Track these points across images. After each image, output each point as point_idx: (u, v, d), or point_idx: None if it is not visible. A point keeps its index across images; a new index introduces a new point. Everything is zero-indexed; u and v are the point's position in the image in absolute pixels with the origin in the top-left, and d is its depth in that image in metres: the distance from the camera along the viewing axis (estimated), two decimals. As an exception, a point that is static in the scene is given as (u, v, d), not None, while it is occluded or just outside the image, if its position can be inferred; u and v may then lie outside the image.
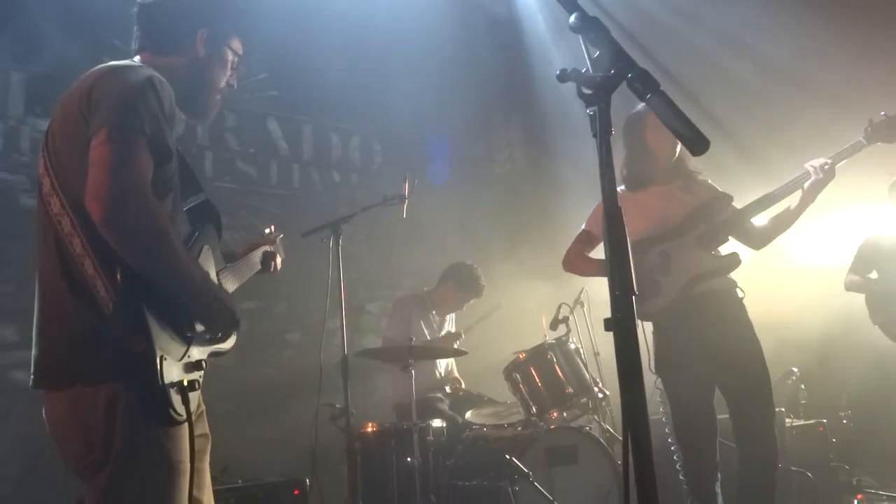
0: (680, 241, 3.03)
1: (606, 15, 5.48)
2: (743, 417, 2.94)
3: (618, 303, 1.11)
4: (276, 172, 5.79)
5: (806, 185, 2.93)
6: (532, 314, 4.69)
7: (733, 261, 3.01)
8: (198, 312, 1.66)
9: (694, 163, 3.18)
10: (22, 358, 4.64)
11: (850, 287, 4.40)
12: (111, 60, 1.71)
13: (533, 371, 3.75)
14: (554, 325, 3.99)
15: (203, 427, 1.86)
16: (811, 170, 2.92)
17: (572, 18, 1.24)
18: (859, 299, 4.46)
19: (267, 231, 2.40)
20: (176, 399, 1.56)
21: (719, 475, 2.95)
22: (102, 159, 1.49)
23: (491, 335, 4.88)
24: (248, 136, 5.59)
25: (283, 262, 2.38)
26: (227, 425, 4.52)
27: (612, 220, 1.14)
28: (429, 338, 4.56)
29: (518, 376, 3.79)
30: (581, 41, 1.24)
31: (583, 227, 3.30)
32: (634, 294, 1.12)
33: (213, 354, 1.79)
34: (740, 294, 3.06)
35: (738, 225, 3.05)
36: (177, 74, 1.76)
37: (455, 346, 4.37)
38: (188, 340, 1.65)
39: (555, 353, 3.76)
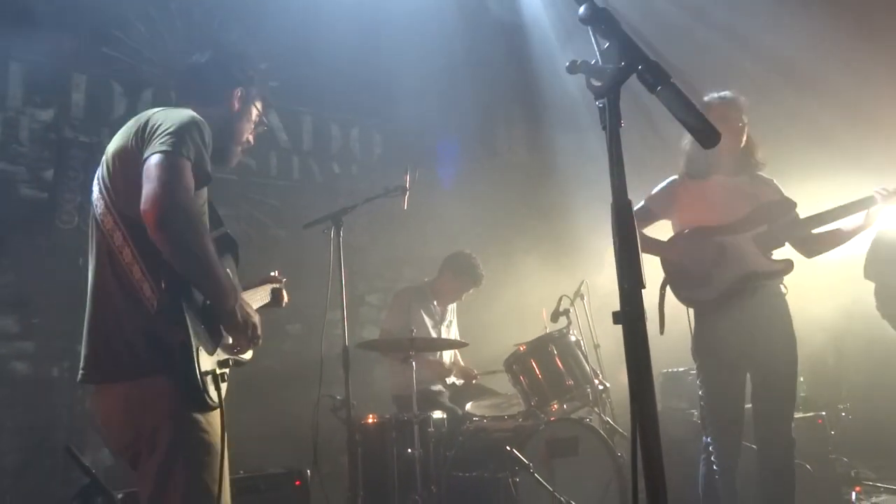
0: (738, 237, 3.04)
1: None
2: (767, 409, 3.02)
3: (627, 297, 1.11)
4: (276, 163, 5.76)
5: (872, 209, 2.98)
6: (533, 306, 4.69)
7: (787, 266, 3.05)
8: (225, 319, 1.87)
9: (760, 156, 3.17)
10: (22, 349, 4.64)
11: (868, 276, 4.36)
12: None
13: (533, 363, 3.76)
14: (554, 318, 3.99)
15: None
16: (878, 196, 2.97)
17: (582, 9, 1.23)
18: (862, 292, 4.44)
19: (273, 273, 2.66)
20: (210, 386, 1.80)
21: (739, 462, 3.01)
22: (156, 175, 1.75)
23: (492, 327, 4.89)
24: (247, 127, 5.55)
25: (287, 302, 2.68)
26: (228, 416, 4.53)
27: (620, 214, 1.13)
28: (431, 329, 4.55)
29: (519, 368, 3.80)
30: (590, 32, 1.23)
31: (642, 202, 3.25)
32: (643, 287, 1.11)
33: (235, 363, 2.00)
34: (784, 290, 3.10)
35: (797, 233, 3.08)
36: (212, 122, 1.99)
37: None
38: (218, 340, 1.88)
39: (555, 345, 3.76)
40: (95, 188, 1.96)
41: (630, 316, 1.11)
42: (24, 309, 4.64)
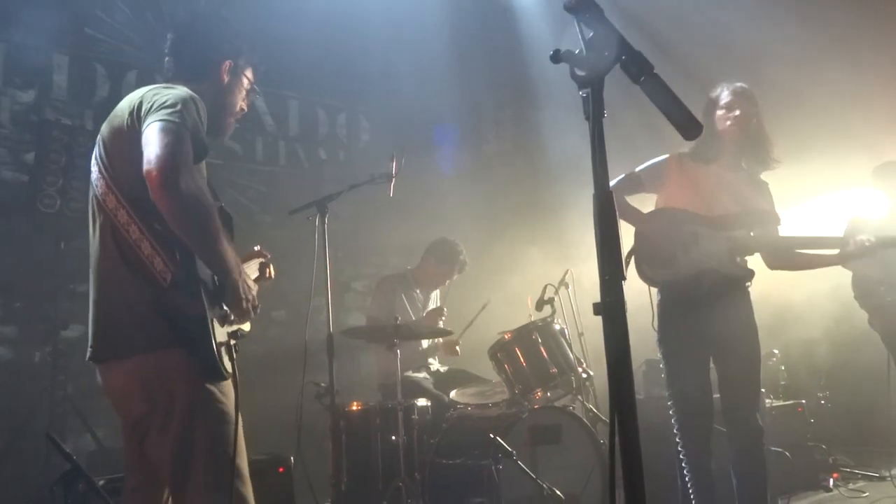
0: (715, 232, 3.04)
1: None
2: (731, 399, 3.04)
3: (607, 287, 1.11)
4: (262, 149, 5.72)
5: (849, 248, 2.99)
6: (518, 294, 4.70)
7: (748, 275, 3.08)
8: (227, 288, 1.85)
9: (777, 153, 3.15)
10: (3, 333, 4.58)
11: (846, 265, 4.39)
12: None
13: (518, 351, 3.76)
14: (539, 306, 4.00)
15: None
16: (853, 242, 2.98)
17: (567, -2, 1.22)
18: (840, 281, 4.48)
19: (256, 248, 2.59)
20: (225, 357, 1.83)
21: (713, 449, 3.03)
22: (155, 138, 1.73)
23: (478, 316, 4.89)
24: (233, 111, 5.49)
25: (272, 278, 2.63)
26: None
27: (602, 205, 1.13)
28: (412, 315, 4.55)
29: (503, 356, 3.81)
30: (575, 21, 1.22)
31: (636, 169, 3.21)
32: (623, 279, 1.11)
33: (238, 334, 1.99)
34: (747, 284, 3.12)
35: (771, 248, 3.10)
36: (204, 98, 1.98)
37: (440, 323, 4.36)
38: (225, 311, 1.88)
39: (540, 333, 3.78)
40: (94, 168, 1.96)
41: (610, 307, 1.11)
42: (5, 293, 4.60)
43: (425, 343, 4.57)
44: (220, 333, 1.85)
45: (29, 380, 4.46)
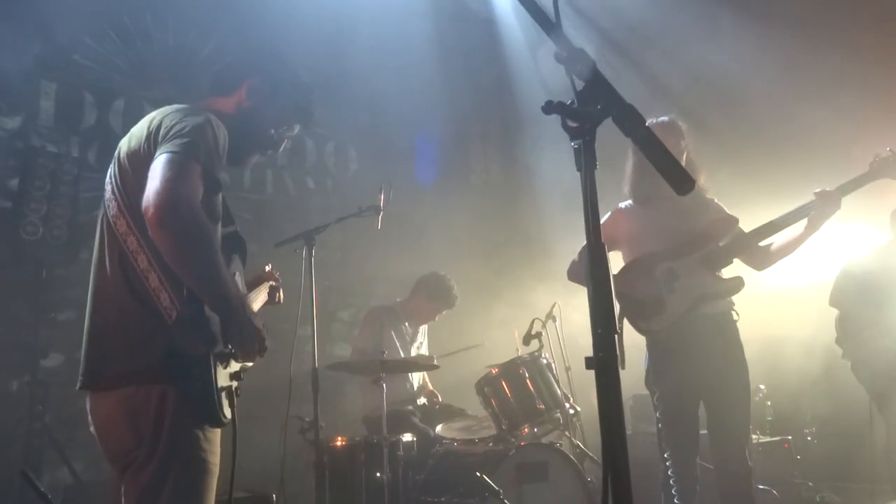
0: (686, 259, 3.06)
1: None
2: (719, 436, 3.03)
3: (600, 341, 1.10)
4: (249, 177, 5.70)
5: (812, 213, 2.96)
6: (505, 326, 4.68)
7: (738, 284, 3.06)
8: (232, 330, 1.77)
9: (703, 180, 3.20)
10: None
11: (833, 303, 4.37)
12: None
13: (505, 386, 3.74)
14: (527, 340, 3.98)
15: None
16: (818, 199, 2.96)
17: (557, 49, 1.22)
18: (827, 318, 4.49)
19: (267, 268, 2.58)
20: (225, 403, 1.75)
21: (698, 487, 3.02)
22: (160, 173, 1.66)
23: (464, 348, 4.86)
24: (221, 139, 5.49)
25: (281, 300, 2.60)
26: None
27: (595, 257, 1.12)
28: (400, 349, 4.51)
29: (490, 391, 3.78)
30: (566, 72, 1.23)
31: None
32: (617, 332, 1.10)
33: (239, 376, 1.92)
34: (735, 317, 3.11)
35: (744, 248, 3.09)
36: (225, 120, 1.91)
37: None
38: (231, 352, 1.81)
39: (527, 368, 3.75)
40: (108, 187, 1.88)
41: (603, 362, 1.10)
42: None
43: (415, 384, 4.53)
44: (223, 377, 1.77)
45: (6, 410, 4.36)
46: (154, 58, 5.25)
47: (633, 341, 3.11)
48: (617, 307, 3.10)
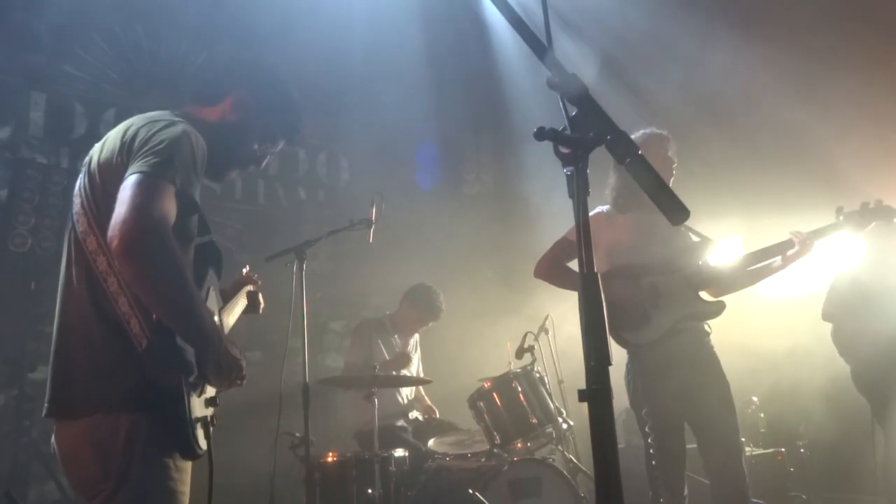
0: (670, 277, 3.06)
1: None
2: (710, 452, 3.02)
3: (593, 374, 1.08)
4: (241, 187, 5.67)
5: (788, 252, 3.05)
6: (498, 339, 4.66)
7: (720, 307, 3.08)
8: (206, 360, 1.68)
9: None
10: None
11: (825, 318, 4.39)
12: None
13: (497, 400, 3.71)
14: (519, 354, 3.96)
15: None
16: (794, 239, 3.04)
17: (550, 75, 1.21)
18: (820, 330, 4.50)
19: (245, 270, 2.48)
20: (199, 433, 1.67)
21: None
22: (129, 198, 1.55)
23: (456, 361, 4.84)
24: (212, 150, 5.46)
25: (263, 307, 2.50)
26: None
27: (587, 288, 1.10)
28: (389, 362, 4.48)
29: (482, 405, 3.75)
30: (559, 98, 1.21)
31: (564, 234, 3.24)
32: (610, 364, 1.08)
33: (215, 402, 1.85)
34: (707, 329, 3.12)
35: (723, 275, 3.11)
36: (206, 132, 1.81)
37: (418, 372, 4.32)
38: (206, 380, 1.73)
39: (520, 382, 3.73)
40: (77, 200, 1.75)
41: (596, 395, 1.08)
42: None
43: (405, 397, 4.50)
44: (198, 405, 1.69)
45: (-7, 423, 4.31)
46: (145, 68, 5.23)
47: (619, 352, 3.11)
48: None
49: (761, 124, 5.23)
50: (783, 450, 4.70)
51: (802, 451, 4.97)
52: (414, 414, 4.57)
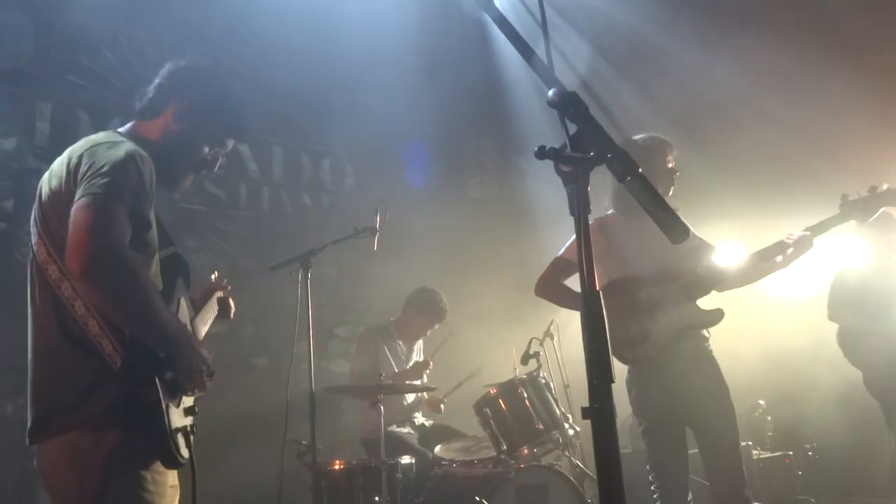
0: (667, 287, 3.05)
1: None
2: (710, 456, 3.02)
3: (596, 393, 1.08)
4: (246, 194, 5.69)
5: (788, 251, 3.03)
6: (503, 344, 4.66)
7: (719, 316, 3.07)
8: (177, 363, 1.73)
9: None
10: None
11: (832, 318, 4.36)
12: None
13: (503, 406, 3.71)
14: (525, 360, 3.96)
15: (174, 478, 1.89)
16: (790, 241, 3.03)
17: (550, 93, 1.21)
18: (826, 331, 4.47)
19: (213, 276, 2.49)
20: (181, 444, 1.72)
21: None
22: (81, 220, 1.60)
23: (462, 367, 4.83)
24: (217, 157, 5.48)
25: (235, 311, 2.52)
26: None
27: (589, 306, 1.10)
28: (395, 368, 4.49)
29: (488, 411, 3.75)
30: (559, 116, 1.21)
31: (560, 253, 3.24)
32: (612, 382, 1.08)
33: (193, 410, 1.90)
34: (706, 335, 3.12)
35: (722, 279, 3.09)
36: (153, 144, 1.87)
37: (425, 377, 4.31)
38: (181, 387, 1.77)
39: (525, 388, 3.73)
40: (34, 231, 1.79)
41: (599, 413, 1.08)
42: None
43: (410, 398, 4.50)
44: (177, 416, 1.74)
45: (0, 432, 4.33)
46: (149, 76, 5.23)
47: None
48: None
49: (762, 125, 5.21)
50: (791, 453, 4.69)
51: (811, 454, 4.94)
52: (420, 419, 4.57)
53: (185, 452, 1.73)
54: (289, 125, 5.83)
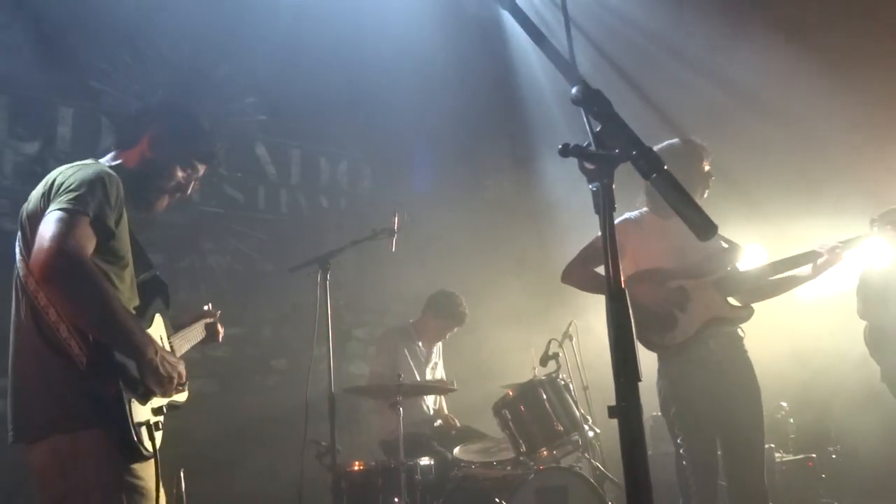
0: (699, 281, 3.05)
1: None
2: (731, 457, 3.01)
3: (622, 391, 1.07)
4: (264, 197, 5.72)
5: (819, 261, 3.04)
6: (521, 346, 4.64)
7: (749, 313, 3.07)
8: (142, 367, 1.87)
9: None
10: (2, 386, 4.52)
11: (862, 316, 4.32)
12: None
13: (522, 408, 3.70)
14: (543, 362, 3.94)
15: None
16: (822, 251, 3.04)
17: (574, 90, 1.21)
18: (851, 331, 4.42)
19: (206, 307, 2.61)
20: (144, 437, 1.85)
21: None
22: (45, 230, 1.78)
23: (481, 369, 4.83)
24: (235, 160, 5.53)
25: (223, 334, 2.64)
26: (209, 452, 4.44)
27: (615, 305, 1.10)
28: (415, 370, 4.49)
29: (507, 413, 3.74)
30: (583, 114, 1.21)
31: (591, 240, 3.20)
32: (639, 380, 1.07)
33: (169, 406, 2.05)
34: (741, 334, 3.10)
35: (754, 279, 3.09)
36: (128, 169, 2.08)
37: (441, 379, 4.32)
38: (148, 389, 1.90)
39: (545, 389, 3.72)
40: (17, 249, 1.98)
41: (626, 412, 1.07)
42: (3, 346, 4.54)
43: (430, 407, 4.50)
44: (141, 412, 1.86)
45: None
46: (169, 81, 5.30)
47: (649, 355, 3.09)
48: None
49: (789, 128, 5.16)
50: (814, 456, 4.62)
51: (834, 456, 4.87)
52: (438, 423, 4.57)
53: (148, 445, 1.85)
54: (306, 128, 5.86)
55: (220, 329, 2.58)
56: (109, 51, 5.07)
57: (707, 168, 3.18)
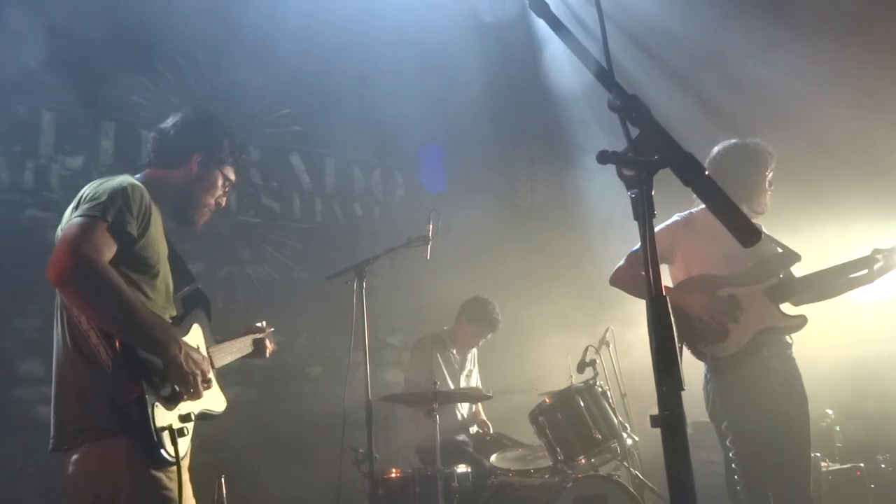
0: (751, 289, 2.98)
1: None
2: (781, 467, 2.90)
3: (665, 400, 1.06)
4: (299, 206, 5.80)
5: (875, 267, 2.95)
6: (558, 353, 4.61)
7: (802, 322, 2.99)
8: (167, 365, 1.89)
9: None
10: (46, 394, 4.63)
11: None
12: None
13: (559, 415, 3.67)
14: (581, 368, 3.90)
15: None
16: (879, 256, 2.94)
17: (611, 97, 1.20)
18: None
19: (259, 324, 2.64)
20: (166, 441, 1.85)
21: None
22: (62, 238, 1.84)
23: (517, 376, 4.80)
24: (271, 170, 5.62)
25: (272, 350, 2.66)
26: (247, 458, 4.50)
27: (657, 311, 1.08)
28: (449, 378, 4.48)
29: (544, 420, 3.71)
30: (620, 120, 1.20)
31: (635, 248, 3.14)
32: (683, 390, 1.06)
33: (202, 415, 2.07)
34: (789, 341, 3.02)
35: (806, 287, 3.01)
36: (169, 187, 2.16)
37: (477, 386, 4.31)
38: (178, 394, 1.93)
39: (582, 396, 3.68)
40: None
41: (669, 421, 1.05)
42: (51, 354, 4.66)
43: (464, 414, 4.49)
44: (166, 417, 1.88)
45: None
46: (206, 94, 5.42)
47: (689, 361, 3.02)
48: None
49: (833, 133, 5.03)
50: (862, 465, 4.48)
51: (883, 466, 4.71)
52: (473, 429, 4.56)
53: (170, 450, 1.85)
54: (340, 138, 5.92)
55: (270, 345, 2.60)
56: (149, 66, 5.20)
57: (769, 175, 3.09)
